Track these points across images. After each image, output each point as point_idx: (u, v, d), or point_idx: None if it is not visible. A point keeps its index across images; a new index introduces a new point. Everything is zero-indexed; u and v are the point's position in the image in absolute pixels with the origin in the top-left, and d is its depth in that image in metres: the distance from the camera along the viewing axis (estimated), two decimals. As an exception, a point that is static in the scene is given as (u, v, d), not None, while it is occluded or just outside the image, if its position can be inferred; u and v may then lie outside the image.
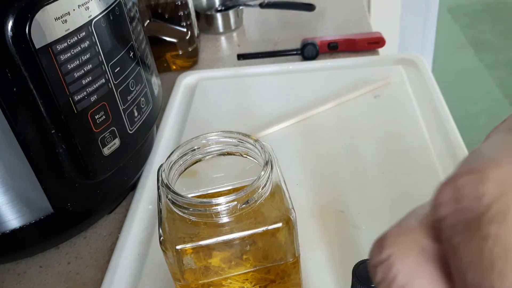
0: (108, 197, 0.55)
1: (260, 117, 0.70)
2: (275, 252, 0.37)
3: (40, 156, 0.45)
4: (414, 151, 0.61)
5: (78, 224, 0.54)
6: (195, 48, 0.87)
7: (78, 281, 0.51)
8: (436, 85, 0.72)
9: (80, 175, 0.48)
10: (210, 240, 0.34)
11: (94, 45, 0.45)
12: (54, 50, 0.41)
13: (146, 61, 0.56)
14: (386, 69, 0.77)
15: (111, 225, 0.57)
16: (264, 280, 0.38)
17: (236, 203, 0.34)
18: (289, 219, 0.35)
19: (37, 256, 0.54)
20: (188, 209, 0.34)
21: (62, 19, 0.42)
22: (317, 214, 0.53)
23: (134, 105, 0.52)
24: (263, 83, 0.78)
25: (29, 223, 0.48)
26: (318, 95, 0.72)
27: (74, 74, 0.44)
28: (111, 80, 0.48)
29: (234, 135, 0.39)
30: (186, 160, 0.39)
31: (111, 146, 0.50)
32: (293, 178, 0.57)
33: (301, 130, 0.67)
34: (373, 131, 0.65)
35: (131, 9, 0.53)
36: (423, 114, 0.67)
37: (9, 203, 0.46)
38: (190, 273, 0.36)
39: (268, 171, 0.35)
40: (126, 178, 0.57)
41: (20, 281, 0.52)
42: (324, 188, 0.57)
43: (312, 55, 0.85)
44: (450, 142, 0.61)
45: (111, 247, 0.54)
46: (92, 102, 0.46)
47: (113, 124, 0.49)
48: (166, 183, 0.35)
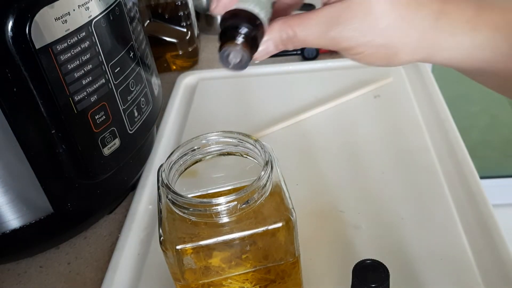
0: (108, 197, 0.55)
1: (260, 117, 0.70)
2: (275, 252, 0.37)
3: (40, 156, 0.45)
4: (414, 151, 0.61)
5: (78, 224, 0.54)
6: (195, 48, 0.87)
7: (78, 281, 0.51)
8: (436, 85, 0.72)
9: (80, 175, 0.48)
10: (210, 240, 0.34)
11: (94, 45, 0.45)
12: (54, 50, 0.41)
13: (146, 61, 0.56)
14: (386, 69, 0.77)
15: (111, 225, 0.57)
16: (264, 280, 0.38)
17: (236, 203, 0.34)
18: (289, 219, 0.35)
19: (37, 256, 0.54)
20: (188, 209, 0.34)
21: (62, 19, 0.42)
22: (317, 214, 0.53)
23: (134, 105, 0.52)
24: (263, 83, 0.78)
25: (29, 223, 0.48)
26: (318, 95, 0.72)
27: (74, 74, 0.44)
28: (111, 80, 0.48)
29: (234, 135, 0.39)
30: (186, 160, 0.39)
31: (111, 146, 0.50)
32: (293, 178, 0.57)
33: (301, 130, 0.67)
34: (373, 131, 0.65)
35: (131, 9, 0.53)
36: (423, 114, 0.67)
37: (9, 203, 0.46)
38: (190, 273, 0.36)
39: (268, 171, 0.35)
40: (126, 178, 0.57)
41: (20, 281, 0.52)
42: (324, 188, 0.57)
43: (312, 55, 0.85)
44: (450, 142, 0.61)
45: (111, 247, 0.54)
46: (92, 102, 0.46)
47: (113, 124, 0.49)
48: (166, 183, 0.35)
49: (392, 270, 0.30)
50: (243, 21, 0.30)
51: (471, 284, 0.45)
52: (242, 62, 0.30)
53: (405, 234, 0.49)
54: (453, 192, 0.54)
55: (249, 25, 0.30)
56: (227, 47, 0.30)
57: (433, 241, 0.49)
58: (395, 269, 0.35)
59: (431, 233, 0.50)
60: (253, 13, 0.31)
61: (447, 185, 0.55)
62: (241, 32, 0.30)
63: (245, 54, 0.30)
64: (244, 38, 0.30)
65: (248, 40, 0.30)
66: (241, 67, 0.31)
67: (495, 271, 0.45)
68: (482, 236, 0.49)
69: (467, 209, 0.52)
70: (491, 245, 0.47)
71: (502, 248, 0.47)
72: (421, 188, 0.55)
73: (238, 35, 0.30)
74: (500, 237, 0.48)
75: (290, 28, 0.33)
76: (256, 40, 0.31)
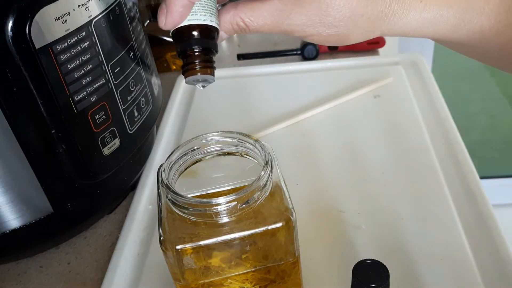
0: (108, 197, 0.55)
1: (260, 117, 0.70)
2: (275, 252, 0.37)
3: (40, 156, 0.45)
4: (414, 151, 0.61)
5: (78, 224, 0.54)
6: (195, 48, 0.87)
7: (78, 281, 0.51)
8: (436, 85, 0.72)
9: (80, 175, 0.48)
10: (210, 240, 0.34)
11: (94, 45, 0.45)
12: (54, 50, 0.41)
13: (146, 61, 0.56)
14: (386, 69, 0.77)
15: (111, 225, 0.57)
16: (264, 280, 0.38)
17: (236, 203, 0.34)
18: (289, 219, 0.35)
19: (37, 256, 0.54)
20: (188, 209, 0.34)
21: (62, 19, 0.41)
22: (317, 214, 0.53)
23: (134, 105, 0.52)
24: (263, 83, 0.78)
25: (29, 223, 0.48)
26: (318, 95, 0.72)
27: (74, 74, 0.44)
28: (111, 80, 0.48)
29: (234, 135, 0.39)
30: (186, 160, 0.39)
31: (111, 146, 0.50)
32: (293, 178, 0.57)
33: (301, 130, 0.67)
34: (373, 131, 0.65)
35: (131, 9, 0.53)
36: (423, 114, 0.67)
37: (9, 203, 0.46)
38: (190, 273, 0.36)
39: (268, 171, 0.35)
40: (126, 178, 0.57)
41: (20, 281, 0.52)
42: (324, 188, 0.57)
43: (312, 55, 0.85)
44: (450, 142, 0.61)
45: (111, 247, 0.54)
46: (92, 102, 0.46)
47: (113, 124, 0.49)
48: (166, 183, 0.35)
49: (392, 270, 0.30)
50: (198, 42, 0.30)
51: (471, 284, 0.45)
52: (209, 80, 0.31)
53: (405, 234, 0.49)
54: (453, 192, 0.54)
55: (205, 42, 0.31)
56: (190, 77, 0.30)
57: (433, 241, 0.49)
58: (395, 269, 0.35)
59: (431, 233, 0.50)
60: (205, 24, 0.31)
61: (447, 185, 0.55)
62: (199, 55, 0.30)
63: (208, 75, 0.30)
64: (203, 61, 0.30)
65: (207, 60, 0.30)
66: (210, 82, 0.31)
67: (495, 271, 0.45)
68: (482, 236, 0.49)
69: (467, 209, 0.52)
70: (491, 245, 0.47)
71: (502, 248, 0.47)
72: (421, 188, 0.55)
73: (197, 60, 0.30)
74: (500, 237, 0.48)
75: (241, 20, 0.33)
76: (214, 53, 0.31)
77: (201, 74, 0.30)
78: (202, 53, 0.31)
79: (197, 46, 0.30)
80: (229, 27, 0.34)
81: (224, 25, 0.34)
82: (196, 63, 0.31)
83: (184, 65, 0.31)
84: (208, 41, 0.31)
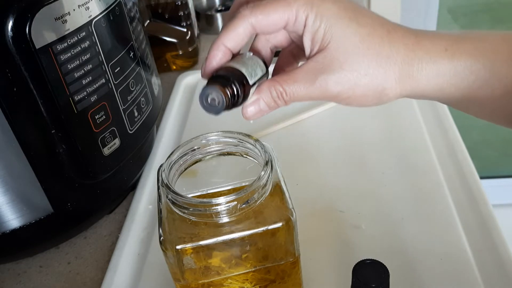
0: (108, 197, 0.55)
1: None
2: (275, 252, 0.37)
3: (40, 156, 0.45)
4: (414, 152, 0.61)
5: (78, 224, 0.54)
6: (195, 48, 0.87)
7: (78, 281, 0.51)
8: (436, 85, 0.71)
9: (80, 175, 0.48)
10: (210, 240, 0.34)
11: (94, 45, 0.45)
12: (54, 50, 0.41)
13: (146, 61, 0.56)
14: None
15: (111, 225, 0.57)
16: (264, 280, 0.38)
17: (236, 203, 0.34)
18: (289, 219, 0.35)
19: (37, 256, 0.54)
20: (188, 209, 0.34)
21: (62, 19, 0.42)
22: (317, 214, 0.53)
23: (134, 105, 0.52)
24: (263, 83, 0.78)
25: (29, 223, 0.48)
26: (318, 95, 0.72)
27: (74, 74, 0.44)
28: (111, 80, 0.48)
29: (234, 135, 0.39)
30: (186, 160, 0.39)
31: (111, 146, 0.50)
32: (293, 178, 0.57)
33: (301, 130, 0.67)
34: (373, 131, 0.65)
35: (131, 9, 0.53)
36: (423, 114, 0.67)
37: (9, 203, 0.46)
38: (190, 273, 0.36)
39: (268, 171, 0.35)
40: (126, 178, 0.57)
41: (20, 281, 0.52)
42: (324, 188, 0.57)
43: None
44: (450, 142, 0.61)
45: (111, 247, 0.54)
46: (92, 102, 0.46)
47: (113, 124, 0.49)
48: (166, 183, 0.35)
49: (392, 270, 0.30)
50: (232, 75, 0.32)
51: (471, 284, 0.45)
52: (218, 106, 0.31)
53: (405, 234, 0.49)
54: (453, 192, 0.54)
55: (237, 78, 0.32)
56: (211, 87, 0.31)
57: (433, 241, 0.49)
58: (395, 269, 0.35)
59: (431, 233, 0.50)
60: (242, 72, 0.33)
61: (447, 185, 0.55)
62: (228, 80, 0.31)
63: (223, 98, 0.31)
64: (229, 86, 0.31)
65: (231, 89, 0.31)
66: (215, 110, 0.32)
67: (495, 271, 0.45)
68: (482, 236, 0.49)
69: (467, 209, 0.52)
70: (491, 245, 0.47)
71: (502, 248, 0.47)
72: (421, 188, 0.55)
73: (224, 81, 0.31)
74: (500, 237, 0.48)
75: (279, 84, 0.34)
76: (238, 95, 0.32)
77: (222, 92, 0.31)
78: (230, 82, 0.31)
79: (229, 77, 0.32)
80: (266, 93, 0.34)
81: (262, 91, 0.34)
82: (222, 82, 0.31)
83: (211, 80, 0.33)
84: (238, 81, 0.32)
